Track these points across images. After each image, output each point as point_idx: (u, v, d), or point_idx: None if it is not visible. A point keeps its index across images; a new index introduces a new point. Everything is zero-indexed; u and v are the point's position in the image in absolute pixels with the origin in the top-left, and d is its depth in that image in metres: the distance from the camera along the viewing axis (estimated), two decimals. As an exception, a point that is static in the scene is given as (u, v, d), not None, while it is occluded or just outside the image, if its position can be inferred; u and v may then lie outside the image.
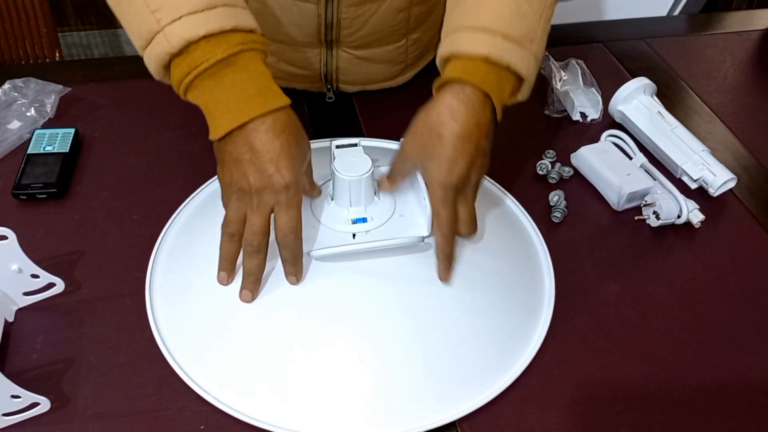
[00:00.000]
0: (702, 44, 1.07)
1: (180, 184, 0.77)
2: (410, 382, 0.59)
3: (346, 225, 0.64)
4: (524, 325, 0.64)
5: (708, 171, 0.79)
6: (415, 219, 0.65)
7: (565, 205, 0.76)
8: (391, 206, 0.66)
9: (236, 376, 0.59)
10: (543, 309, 0.66)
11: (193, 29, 0.54)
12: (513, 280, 0.67)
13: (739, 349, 0.65)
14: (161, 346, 0.60)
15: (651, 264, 0.72)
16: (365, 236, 0.63)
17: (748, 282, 0.71)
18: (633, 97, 0.86)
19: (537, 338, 0.63)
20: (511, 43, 0.60)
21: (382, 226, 0.64)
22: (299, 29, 0.79)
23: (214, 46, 0.55)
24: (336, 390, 0.58)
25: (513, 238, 0.72)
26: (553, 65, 0.93)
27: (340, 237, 0.63)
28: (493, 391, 0.59)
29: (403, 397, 0.58)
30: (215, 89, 0.56)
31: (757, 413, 0.60)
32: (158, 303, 0.64)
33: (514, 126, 0.89)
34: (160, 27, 0.54)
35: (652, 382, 0.62)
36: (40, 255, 0.69)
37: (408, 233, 0.63)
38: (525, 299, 0.66)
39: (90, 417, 0.57)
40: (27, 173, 0.76)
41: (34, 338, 0.62)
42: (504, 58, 0.59)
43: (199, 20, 0.54)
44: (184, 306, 0.63)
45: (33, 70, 0.91)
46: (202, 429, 0.57)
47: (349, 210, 0.64)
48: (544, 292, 0.67)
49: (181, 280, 0.65)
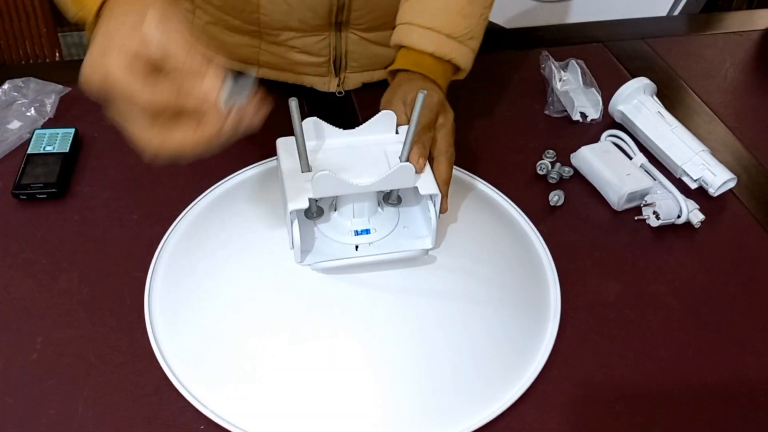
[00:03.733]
0: (702, 44, 1.07)
1: (180, 184, 0.76)
2: (413, 398, 0.58)
3: (349, 236, 0.63)
4: (530, 338, 0.63)
5: (708, 171, 0.79)
6: (418, 231, 0.64)
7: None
8: (394, 218, 0.65)
9: (231, 385, 0.58)
10: (549, 322, 0.65)
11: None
12: (518, 292, 0.66)
13: (739, 349, 0.65)
14: (157, 354, 0.60)
15: (651, 264, 0.72)
16: (368, 248, 0.62)
17: (748, 282, 0.71)
18: (633, 97, 0.86)
19: (541, 355, 0.62)
20: (454, 41, 0.73)
21: (386, 237, 0.63)
22: (312, 13, 0.81)
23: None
24: (336, 404, 0.57)
25: (516, 248, 0.71)
26: (553, 65, 0.93)
27: (342, 248, 0.62)
28: (497, 408, 0.58)
29: (406, 413, 0.57)
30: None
31: (757, 413, 0.60)
32: (157, 308, 0.64)
33: (514, 126, 0.89)
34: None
35: (652, 382, 0.62)
36: (40, 255, 0.69)
37: (412, 245, 0.62)
38: (530, 311, 0.65)
39: (90, 417, 0.57)
40: (27, 173, 0.76)
41: (34, 338, 0.62)
42: (446, 54, 0.73)
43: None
44: (185, 314, 0.63)
45: (33, 70, 0.90)
46: (202, 429, 0.57)
47: (352, 221, 0.63)
48: (549, 304, 0.66)
49: (182, 286, 0.65)
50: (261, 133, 0.64)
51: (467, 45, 0.74)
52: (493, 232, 0.71)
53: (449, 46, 0.73)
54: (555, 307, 0.66)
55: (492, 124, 0.89)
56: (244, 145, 0.63)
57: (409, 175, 0.58)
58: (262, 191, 0.71)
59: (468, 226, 0.68)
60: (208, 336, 0.61)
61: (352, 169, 0.60)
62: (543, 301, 0.67)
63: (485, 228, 0.71)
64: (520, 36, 1.12)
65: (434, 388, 0.59)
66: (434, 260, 0.63)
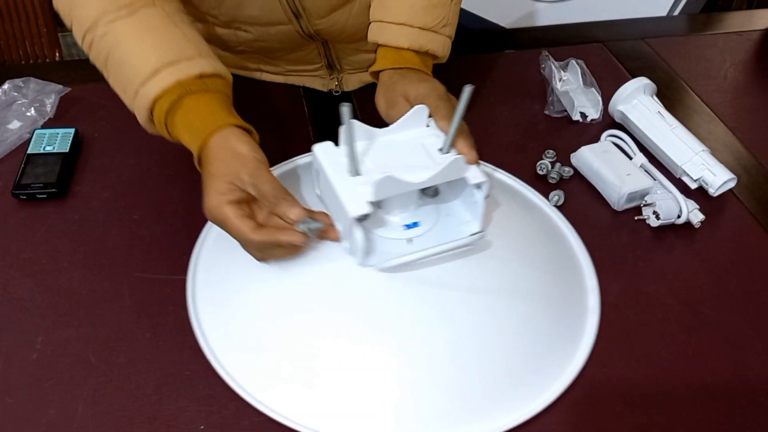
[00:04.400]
0: (702, 44, 1.07)
1: (180, 184, 0.76)
2: (446, 395, 0.58)
3: (400, 231, 0.63)
4: (568, 339, 0.63)
5: (708, 171, 0.79)
6: (461, 217, 0.65)
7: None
8: (435, 207, 0.65)
9: (267, 372, 0.58)
10: (586, 328, 0.64)
11: (146, 98, 0.63)
12: (556, 291, 0.66)
13: (739, 349, 0.65)
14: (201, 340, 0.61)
15: (651, 264, 0.72)
16: (421, 240, 0.62)
17: (748, 282, 0.71)
18: (633, 97, 0.86)
19: (579, 357, 0.62)
20: (428, 32, 0.75)
21: (434, 228, 0.64)
22: (292, 43, 0.84)
23: (162, 103, 0.63)
24: (366, 395, 0.57)
25: (559, 256, 0.71)
26: (553, 65, 0.93)
27: (396, 244, 0.62)
28: (534, 408, 0.58)
29: (439, 409, 0.57)
30: (179, 130, 0.64)
31: (757, 413, 0.60)
32: (201, 305, 0.64)
33: (514, 126, 0.89)
34: (132, 102, 0.65)
35: (652, 382, 0.62)
36: (40, 255, 0.69)
37: (460, 231, 0.62)
38: (568, 312, 0.65)
39: (90, 417, 0.57)
40: (27, 173, 0.76)
41: (34, 338, 0.62)
42: (423, 46, 0.75)
43: (148, 89, 0.63)
44: (229, 310, 0.63)
45: (33, 70, 0.91)
46: (202, 429, 0.57)
47: (400, 216, 0.64)
48: (587, 306, 0.66)
49: (222, 285, 0.65)
50: (266, 133, 0.64)
51: (442, 33, 0.76)
52: (532, 234, 0.70)
53: (425, 38, 0.75)
54: (593, 307, 0.66)
55: (492, 124, 0.89)
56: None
57: (461, 167, 0.60)
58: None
59: (504, 220, 0.68)
60: (256, 337, 0.61)
61: (398, 166, 0.60)
62: (580, 302, 0.67)
63: (524, 227, 0.71)
64: (520, 36, 1.12)
65: (471, 386, 0.58)
66: (476, 251, 0.63)
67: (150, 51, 0.64)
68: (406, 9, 0.75)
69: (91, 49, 0.66)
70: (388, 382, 0.58)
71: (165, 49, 0.65)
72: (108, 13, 0.65)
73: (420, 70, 0.74)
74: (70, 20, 0.68)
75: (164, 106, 0.63)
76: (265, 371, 0.59)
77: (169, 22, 0.66)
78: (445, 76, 0.76)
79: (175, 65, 0.64)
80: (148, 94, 0.63)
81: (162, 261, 0.69)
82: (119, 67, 0.65)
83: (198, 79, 0.64)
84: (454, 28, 0.78)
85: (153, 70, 0.63)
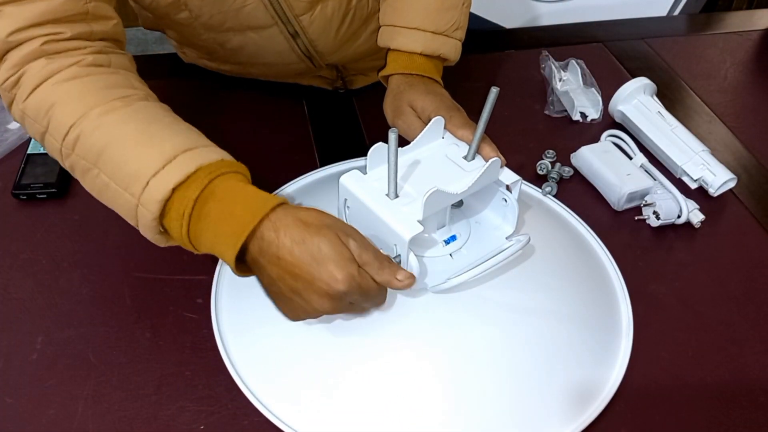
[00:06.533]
0: (702, 44, 1.07)
1: (180, 184, 0.76)
2: (490, 414, 0.56)
3: (440, 248, 0.62)
4: (601, 362, 0.62)
5: (708, 171, 0.79)
6: (491, 222, 0.65)
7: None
8: (464, 217, 0.65)
9: (292, 388, 0.57)
10: (619, 354, 0.62)
11: (162, 187, 0.53)
12: (588, 313, 0.64)
13: (739, 349, 0.65)
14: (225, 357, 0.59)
15: (651, 264, 0.72)
16: (462, 253, 0.62)
17: (748, 282, 0.71)
18: (633, 97, 0.86)
19: (612, 384, 0.60)
20: (440, 36, 0.74)
21: (470, 239, 0.63)
22: (304, 72, 0.85)
23: (185, 190, 0.54)
24: (402, 415, 0.55)
25: (590, 273, 0.69)
26: (553, 65, 0.93)
27: (441, 262, 0.61)
28: None
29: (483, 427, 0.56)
30: (209, 228, 0.54)
31: (757, 413, 0.60)
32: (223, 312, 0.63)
33: (514, 126, 0.89)
34: (137, 200, 0.54)
35: (652, 382, 0.62)
36: (40, 255, 0.69)
37: (495, 237, 0.62)
38: (601, 335, 0.63)
39: (90, 417, 0.57)
40: (27, 173, 0.76)
41: (34, 338, 0.62)
42: (435, 51, 0.74)
43: (163, 178, 0.53)
44: (252, 334, 0.61)
45: (33, 70, 0.90)
46: (202, 429, 0.57)
47: (437, 232, 0.63)
48: (621, 330, 0.64)
49: (248, 298, 0.63)
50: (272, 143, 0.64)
51: (453, 36, 0.75)
52: (565, 252, 0.69)
53: (437, 42, 0.74)
54: (627, 322, 0.65)
55: (492, 124, 0.88)
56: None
57: (496, 169, 0.61)
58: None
59: (539, 238, 0.66)
60: (275, 348, 0.60)
61: (434, 180, 0.59)
62: (614, 325, 0.65)
63: (553, 240, 0.70)
64: (520, 36, 1.12)
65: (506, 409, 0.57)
66: (510, 272, 0.62)
67: (158, 139, 0.55)
68: (420, 12, 0.73)
69: (76, 147, 0.56)
70: (430, 403, 0.56)
71: (176, 136, 0.56)
72: (99, 106, 0.56)
73: (428, 77, 0.73)
74: (46, 120, 0.57)
75: (189, 195, 0.53)
76: (286, 386, 0.57)
77: (171, 114, 0.59)
78: (445, 76, 0.76)
79: (193, 150, 0.55)
80: (163, 184, 0.53)
81: (162, 261, 0.69)
82: (118, 161, 0.55)
83: (221, 161, 0.55)
84: (464, 31, 0.77)
85: (168, 157, 0.53)
